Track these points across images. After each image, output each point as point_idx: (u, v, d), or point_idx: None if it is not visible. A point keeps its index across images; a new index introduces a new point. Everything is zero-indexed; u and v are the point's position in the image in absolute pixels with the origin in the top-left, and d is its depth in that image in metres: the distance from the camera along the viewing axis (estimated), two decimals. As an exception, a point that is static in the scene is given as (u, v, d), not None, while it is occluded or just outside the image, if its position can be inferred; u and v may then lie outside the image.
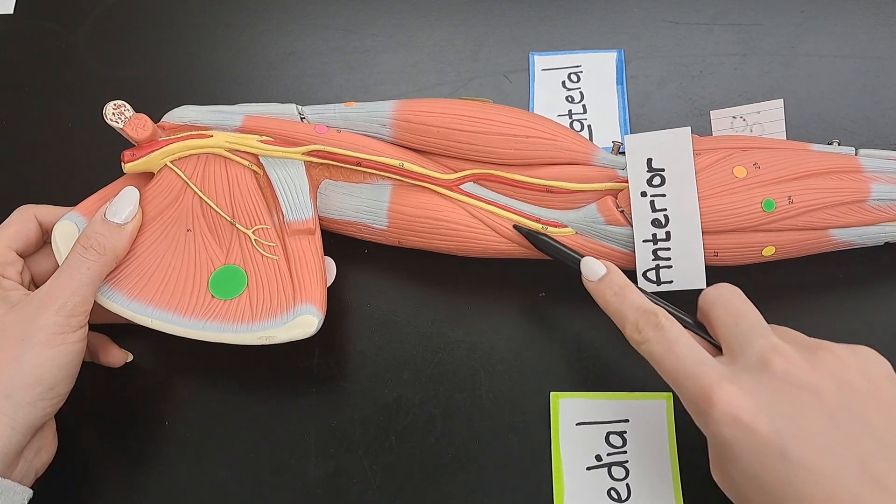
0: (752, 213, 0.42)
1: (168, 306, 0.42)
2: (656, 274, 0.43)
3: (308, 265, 0.43)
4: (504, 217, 0.44)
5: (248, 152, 0.45)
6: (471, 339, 0.46)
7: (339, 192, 0.45)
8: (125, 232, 0.42)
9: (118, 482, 0.43)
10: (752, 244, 0.43)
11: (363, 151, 0.45)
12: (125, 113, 0.43)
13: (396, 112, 0.45)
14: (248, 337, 0.41)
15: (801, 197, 0.42)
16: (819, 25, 0.54)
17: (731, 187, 0.42)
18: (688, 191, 0.42)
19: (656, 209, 0.42)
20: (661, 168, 0.42)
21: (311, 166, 0.45)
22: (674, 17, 0.55)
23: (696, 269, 0.42)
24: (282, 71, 0.55)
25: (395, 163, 0.44)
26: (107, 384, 0.45)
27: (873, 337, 0.44)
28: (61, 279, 0.39)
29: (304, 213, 0.44)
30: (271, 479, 0.43)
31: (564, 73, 0.53)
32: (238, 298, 0.42)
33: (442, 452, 0.43)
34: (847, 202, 0.42)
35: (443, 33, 0.56)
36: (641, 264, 0.43)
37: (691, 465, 0.42)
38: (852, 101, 0.51)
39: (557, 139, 0.44)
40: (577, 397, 0.44)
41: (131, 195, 0.42)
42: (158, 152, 0.44)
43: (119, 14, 0.58)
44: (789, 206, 0.42)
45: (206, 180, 0.44)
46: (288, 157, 0.45)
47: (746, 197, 0.42)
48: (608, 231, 0.43)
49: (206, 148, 0.44)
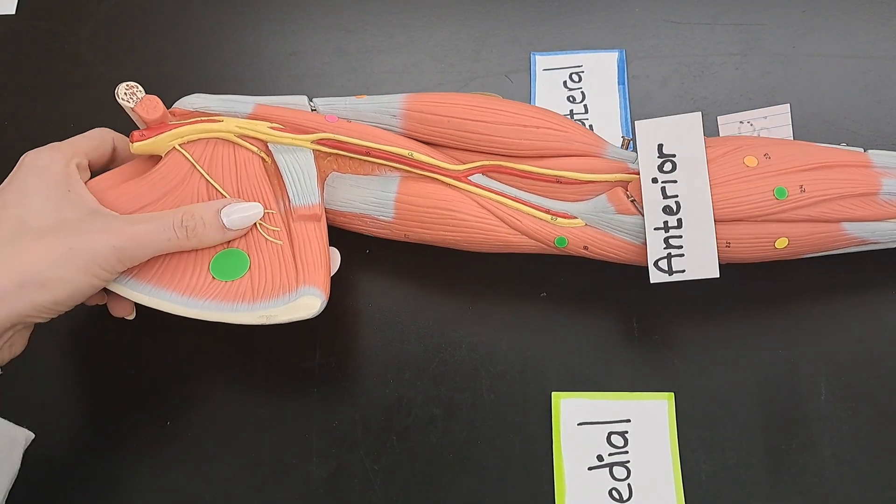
0: (764, 200, 0.41)
1: (167, 285, 0.41)
2: (668, 263, 0.42)
3: (312, 250, 0.42)
4: (513, 208, 0.44)
5: (258, 138, 0.44)
6: (472, 339, 0.46)
7: (346, 184, 0.45)
8: (221, 235, 0.42)
9: (119, 482, 0.43)
10: (764, 235, 0.42)
11: (372, 140, 0.45)
12: (137, 94, 0.43)
13: (407, 103, 0.45)
14: (248, 316, 0.40)
15: (813, 186, 0.42)
16: (821, 25, 0.54)
17: (743, 176, 0.42)
18: (699, 176, 0.42)
19: (668, 195, 0.42)
20: (672, 154, 0.42)
21: (319, 157, 0.45)
22: (675, 17, 0.55)
23: (708, 257, 0.42)
24: (283, 71, 0.55)
25: (405, 152, 0.44)
26: (108, 384, 0.45)
27: (876, 340, 0.44)
28: (140, 227, 0.39)
29: (311, 198, 0.43)
30: (273, 479, 0.43)
31: (566, 73, 0.53)
32: (239, 280, 0.42)
33: (443, 452, 0.43)
34: (859, 194, 0.42)
35: (444, 33, 0.56)
36: (653, 253, 0.42)
37: (693, 465, 0.42)
38: (854, 100, 0.51)
39: (568, 131, 0.44)
40: (578, 397, 0.44)
41: (255, 212, 0.42)
42: (168, 134, 0.44)
43: (120, 14, 0.58)
44: (801, 195, 0.41)
45: (214, 164, 0.44)
46: (297, 143, 0.44)
47: (758, 185, 0.41)
48: (619, 221, 0.43)
49: (215, 132, 0.44)
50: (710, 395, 0.43)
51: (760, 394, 0.43)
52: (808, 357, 0.44)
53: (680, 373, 0.44)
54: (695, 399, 0.43)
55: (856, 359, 0.44)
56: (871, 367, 0.43)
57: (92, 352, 0.46)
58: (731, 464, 0.42)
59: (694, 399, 0.43)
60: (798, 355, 0.44)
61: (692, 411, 0.43)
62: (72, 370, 0.46)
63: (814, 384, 0.43)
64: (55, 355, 0.46)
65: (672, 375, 0.44)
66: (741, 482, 0.41)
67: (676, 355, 0.44)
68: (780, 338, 0.44)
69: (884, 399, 0.43)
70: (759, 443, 0.42)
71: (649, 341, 0.45)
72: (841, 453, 0.42)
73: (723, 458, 0.42)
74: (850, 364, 0.44)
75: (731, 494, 0.41)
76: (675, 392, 0.43)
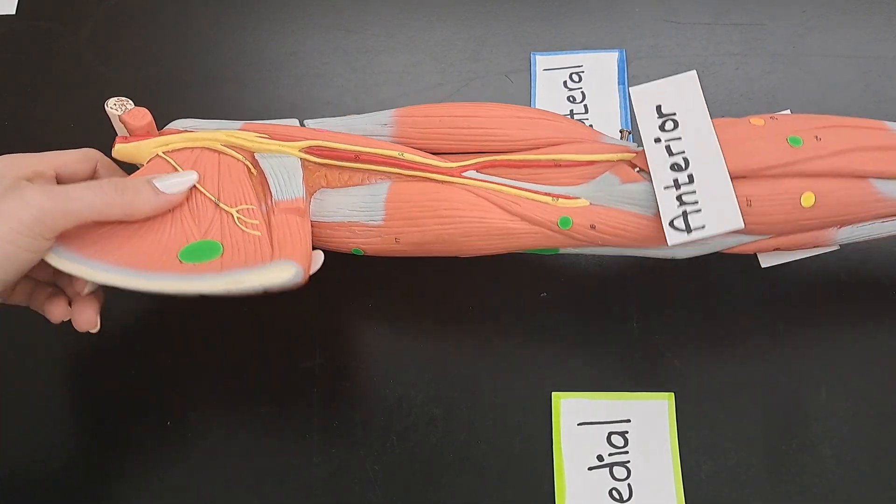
0: (778, 149, 0.39)
1: (129, 264, 0.39)
2: (684, 221, 0.38)
3: (292, 234, 0.40)
4: (510, 194, 0.41)
5: (244, 147, 0.44)
6: (472, 338, 0.46)
7: (335, 195, 0.44)
8: (154, 196, 0.40)
9: (119, 483, 0.43)
10: (787, 191, 0.39)
11: (361, 145, 0.44)
12: (126, 105, 0.43)
13: (398, 111, 0.45)
14: (215, 282, 0.37)
15: (829, 136, 0.39)
16: (821, 25, 0.54)
17: (753, 135, 0.40)
18: (704, 130, 0.39)
19: (673, 153, 0.39)
20: (672, 112, 0.40)
21: (308, 171, 0.44)
22: (675, 17, 0.55)
23: (728, 206, 0.38)
24: (283, 71, 0.55)
25: (395, 153, 0.43)
26: (108, 384, 0.45)
27: (877, 340, 0.44)
28: (67, 187, 0.38)
29: (295, 192, 0.42)
30: (272, 480, 0.43)
31: (566, 73, 0.53)
32: (210, 261, 0.39)
33: (443, 453, 0.43)
34: (880, 146, 0.40)
35: (444, 33, 0.56)
36: (667, 213, 0.39)
37: (693, 465, 0.42)
38: (854, 100, 0.51)
39: (562, 121, 0.44)
40: (578, 397, 0.44)
41: (191, 177, 0.41)
42: (153, 140, 0.43)
43: (121, 14, 0.58)
44: (818, 144, 0.39)
45: (196, 168, 0.43)
46: (284, 151, 0.44)
47: (770, 138, 0.39)
48: (625, 191, 0.40)
49: (201, 141, 0.44)
50: (711, 395, 0.43)
51: (761, 394, 0.43)
52: (808, 357, 0.44)
53: (680, 373, 0.44)
54: (695, 399, 0.43)
55: (856, 359, 0.44)
56: (871, 367, 0.43)
57: (92, 352, 0.46)
58: (732, 464, 0.42)
59: (694, 399, 0.43)
60: (798, 355, 0.44)
61: (692, 411, 0.43)
62: (72, 370, 0.46)
63: (814, 384, 0.43)
64: (55, 355, 0.46)
65: (672, 375, 0.44)
66: (741, 482, 0.41)
67: (676, 355, 0.44)
68: (780, 337, 0.44)
69: (884, 399, 0.43)
70: (759, 443, 0.42)
71: (649, 341, 0.45)
72: (841, 453, 0.42)
73: (723, 457, 0.42)
74: (850, 364, 0.44)
75: (732, 494, 0.41)
76: (676, 392, 0.43)
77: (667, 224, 0.39)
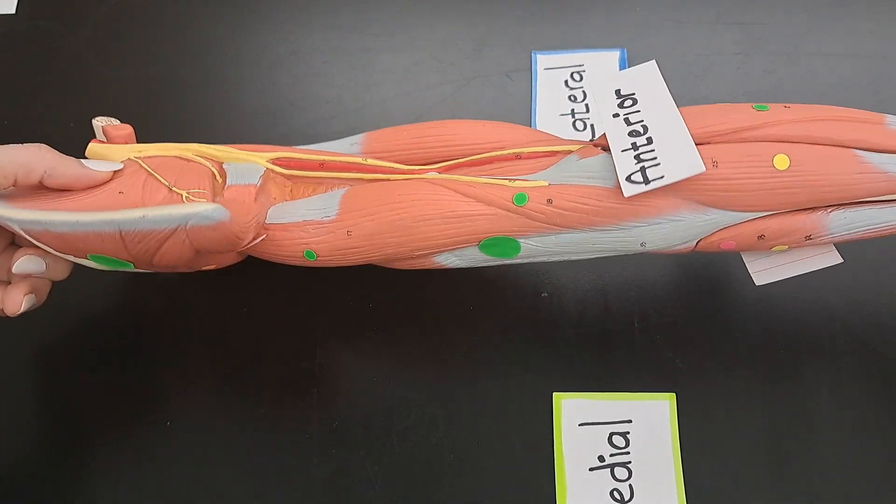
0: (743, 113, 0.37)
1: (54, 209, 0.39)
2: (642, 175, 0.37)
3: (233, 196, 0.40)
4: (468, 182, 0.40)
5: (214, 157, 0.43)
6: (473, 339, 0.45)
7: (294, 203, 0.43)
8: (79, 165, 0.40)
9: (119, 483, 0.43)
10: (758, 153, 0.37)
11: (327, 154, 0.44)
12: (112, 122, 0.44)
13: (368, 133, 0.45)
14: (128, 214, 0.38)
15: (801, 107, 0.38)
16: (822, 24, 0.53)
17: (716, 106, 0.39)
18: (665, 102, 0.38)
19: (632, 123, 0.38)
20: (632, 92, 0.39)
21: (275, 184, 0.44)
22: (676, 15, 0.55)
23: (688, 155, 0.36)
24: (283, 71, 0.55)
25: (359, 158, 0.44)
26: (108, 384, 0.45)
27: (877, 340, 0.44)
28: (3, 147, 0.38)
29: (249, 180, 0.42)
30: (272, 480, 0.43)
31: (567, 73, 0.53)
32: None
33: (444, 453, 0.43)
34: (859, 119, 0.38)
35: (445, 32, 0.55)
36: (624, 171, 0.37)
37: (694, 465, 0.41)
38: (856, 100, 0.50)
39: (530, 130, 0.44)
40: (579, 398, 0.43)
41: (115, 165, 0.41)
42: (126, 146, 0.43)
43: (121, 14, 0.58)
44: (786, 110, 0.37)
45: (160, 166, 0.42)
46: (251, 160, 0.44)
47: (735, 107, 0.38)
48: (584, 166, 0.39)
49: (174, 149, 0.43)
50: (712, 395, 0.43)
51: (762, 394, 0.43)
52: (808, 357, 0.44)
53: (681, 373, 0.44)
54: (696, 399, 0.43)
55: (856, 359, 0.44)
56: (871, 367, 0.43)
57: (92, 352, 0.46)
58: (733, 464, 0.41)
59: (695, 399, 0.43)
60: (799, 355, 0.44)
61: (694, 412, 0.43)
62: (72, 370, 0.46)
63: (814, 384, 0.43)
64: (55, 355, 0.46)
65: (673, 376, 0.44)
66: (742, 482, 0.41)
67: (678, 355, 0.44)
68: (781, 337, 0.44)
69: (884, 399, 0.43)
70: (759, 443, 0.42)
71: (650, 341, 0.45)
72: (842, 454, 0.41)
73: (724, 458, 0.42)
74: (851, 364, 0.43)
75: (733, 495, 0.41)
76: (677, 392, 0.43)
77: (623, 179, 0.37)
